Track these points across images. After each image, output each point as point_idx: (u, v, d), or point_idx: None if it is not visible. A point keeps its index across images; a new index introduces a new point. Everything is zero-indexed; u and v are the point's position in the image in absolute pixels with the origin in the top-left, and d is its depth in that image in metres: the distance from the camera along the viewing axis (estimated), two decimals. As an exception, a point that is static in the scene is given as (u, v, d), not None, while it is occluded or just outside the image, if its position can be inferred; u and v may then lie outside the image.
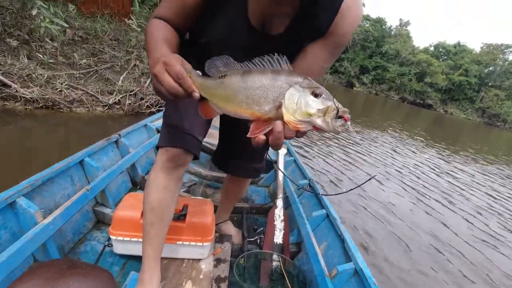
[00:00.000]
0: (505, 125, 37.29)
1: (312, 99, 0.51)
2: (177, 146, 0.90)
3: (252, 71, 0.56)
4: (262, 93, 0.54)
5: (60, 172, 1.31)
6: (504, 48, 41.25)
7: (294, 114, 0.51)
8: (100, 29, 4.77)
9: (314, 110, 0.51)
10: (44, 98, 3.33)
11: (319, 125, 0.51)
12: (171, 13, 0.75)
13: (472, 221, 3.67)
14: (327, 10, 0.73)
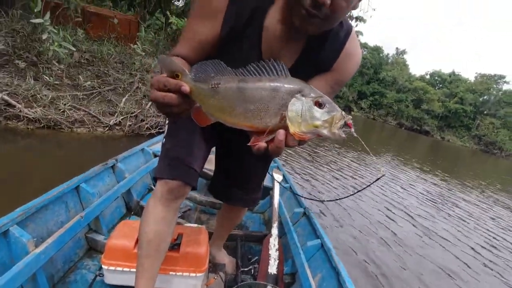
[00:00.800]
0: (501, 153, 37.52)
1: (316, 110, 0.50)
2: (177, 179, 0.91)
3: (248, 80, 0.53)
4: (263, 106, 0.52)
5: (55, 198, 1.31)
6: (497, 78, 42.40)
7: (300, 127, 0.51)
8: (106, 52, 4.93)
9: (320, 121, 0.50)
10: (46, 118, 3.39)
11: (325, 135, 0.50)
12: (188, 50, 0.80)
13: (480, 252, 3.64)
14: (331, 51, 0.81)
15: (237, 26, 0.77)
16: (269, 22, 0.76)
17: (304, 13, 0.64)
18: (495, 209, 6.42)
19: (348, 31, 0.81)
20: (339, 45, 0.81)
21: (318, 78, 0.84)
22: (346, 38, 0.81)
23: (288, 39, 0.78)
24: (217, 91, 0.53)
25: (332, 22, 0.69)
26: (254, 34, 0.78)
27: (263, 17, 0.76)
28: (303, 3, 0.63)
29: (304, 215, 1.93)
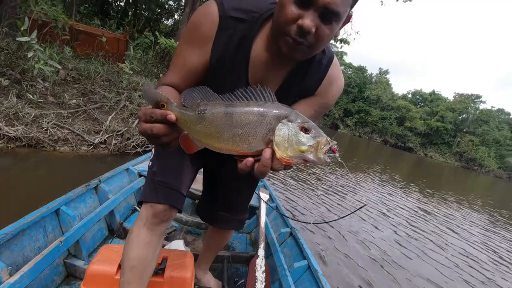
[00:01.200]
0: (481, 169, 38.82)
1: (302, 135, 0.52)
2: (163, 202, 0.91)
3: (236, 105, 0.54)
4: (251, 131, 0.53)
5: (33, 223, 1.25)
6: (474, 98, 44.59)
7: (286, 152, 0.52)
8: (93, 70, 4.91)
9: (306, 146, 0.52)
10: (27, 137, 3.30)
11: (311, 159, 0.52)
12: (178, 78, 0.82)
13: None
14: (315, 77, 0.85)
15: (225, 53, 0.80)
16: (255, 50, 0.80)
17: (291, 42, 0.67)
18: (480, 226, 6.56)
19: (330, 58, 0.86)
20: (322, 71, 0.85)
21: (303, 102, 0.88)
22: (328, 64, 0.85)
23: (274, 66, 0.81)
24: (203, 117, 0.54)
25: (317, 49, 0.73)
26: (242, 61, 0.81)
27: (250, 45, 0.79)
28: (290, 32, 0.66)
29: (290, 235, 1.93)
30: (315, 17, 0.64)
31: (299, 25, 0.64)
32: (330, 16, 0.65)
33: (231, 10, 0.77)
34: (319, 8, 0.63)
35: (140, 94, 4.93)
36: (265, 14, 0.78)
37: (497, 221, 7.71)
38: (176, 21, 11.85)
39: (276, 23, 0.70)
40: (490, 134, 40.59)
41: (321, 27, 0.66)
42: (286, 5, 0.65)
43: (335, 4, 0.63)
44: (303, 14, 0.64)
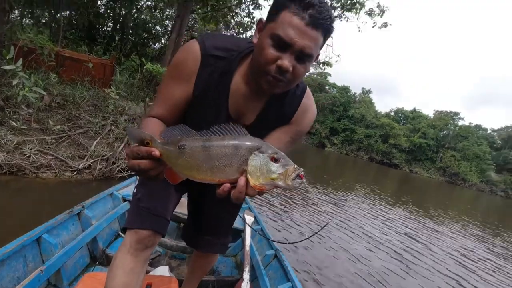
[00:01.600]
0: (465, 183, 39.82)
1: (273, 165, 0.59)
2: (146, 228, 0.93)
3: (212, 140, 0.61)
4: (226, 162, 0.60)
5: (13, 252, 1.23)
6: (452, 115, 46.55)
7: (259, 180, 0.59)
8: (78, 95, 4.93)
9: (276, 174, 0.59)
10: (9, 164, 3.25)
11: (281, 186, 0.59)
12: (164, 111, 0.89)
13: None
14: (290, 107, 0.94)
15: (207, 87, 0.88)
16: (234, 84, 0.89)
17: (271, 80, 0.77)
18: (464, 238, 6.69)
19: (303, 89, 0.96)
20: (297, 101, 0.94)
21: (280, 130, 0.96)
22: (302, 95, 0.95)
23: (252, 98, 0.90)
24: (183, 151, 0.61)
25: (293, 84, 0.83)
26: (223, 94, 0.89)
27: (229, 79, 0.89)
28: (270, 71, 0.76)
29: (275, 257, 1.95)
30: (292, 58, 0.75)
31: (279, 65, 0.74)
32: (304, 58, 0.76)
33: (212, 49, 0.86)
34: (295, 51, 0.74)
35: (126, 119, 4.95)
36: (243, 52, 0.88)
37: (481, 236, 7.89)
38: (163, 46, 12.10)
39: (257, 63, 0.79)
40: (470, 149, 42.04)
41: (297, 66, 0.76)
42: (266, 48, 0.75)
43: (309, 48, 0.74)
44: (281, 56, 0.74)
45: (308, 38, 0.73)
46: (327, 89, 46.35)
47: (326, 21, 0.75)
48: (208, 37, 0.89)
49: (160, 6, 12.25)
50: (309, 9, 0.72)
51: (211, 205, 1.21)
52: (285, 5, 0.74)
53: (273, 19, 0.76)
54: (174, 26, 7.92)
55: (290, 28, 0.72)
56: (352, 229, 5.00)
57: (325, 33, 0.77)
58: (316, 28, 0.73)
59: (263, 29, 0.80)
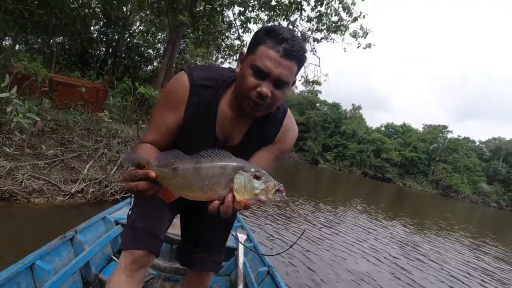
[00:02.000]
0: (458, 195, 40.19)
1: (255, 182, 0.69)
2: (141, 248, 0.98)
3: (202, 162, 0.71)
4: (215, 181, 0.69)
5: (7, 280, 1.24)
6: (441, 128, 47.68)
7: (244, 195, 0.68)
8: (71, 120, 4.99)
9: (258, 190, 0.68)
10: (1, 190, 3.25)
11: (263, 200, 0.68)
12: (156, 136, 0.98)
13: None
14: (272, 128, 1.05)
15: (196, 114, 0.99)
16: (221, 109, 1.00)
17: (253, 104, 0.88)
18: (459, 251, 6.74)
19: (284, 111, 1.07)
20: (279, 123, 1.06)
21: (265, 149, 1.06)
22: (283, 116, 1.06)
23: (237, 121, 1.01)
24: (177, 173, 0.70)
25: (273, 108, 0.95)
26: (210, 119, 1.00)
27: (216, 106, 0.99)
28: (251, 97, 0.87)
29: (268, 274, 1.99)
30: (270, 85, 0.86)
31: (258, 92, 0.86)
32: (281, 84, 0.88)
33: (199, 80, 0.97)
34: (273, 79, 0.86)
35: (119, 141, 5.01)
36: (227, 81, 1.00)
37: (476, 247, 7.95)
38: (155, 68, 12.34)
39: (240, 90, 0.90)
40: (460, 161, 42.77)
41: (275, 92, 0.88)
42: (247, 77, 0.87)
43: (285, 76, 0.86)
44: (261, 83, 0.86)
45: (283, 68, 0.85)
46: (318, 106, 47.20)
47: (299, 53, 0.86)
48: (196, 69, 1.01)
49: (152, 31, 12.63)
50: (283, 43, 0.84)
51: (204, 223, 1.27)
52: (263, 40, 0.86)
53: (253, 51, 0.88)
54: (166, 50, 8.17)
55: (267, 59, 0.84)
56: (347, 244, 5.02)
57: (298, 62, 0.89)
58: (290, 59, 0.85)
59: (244, 60, 0.92)
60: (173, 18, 7.86)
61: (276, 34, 0.85)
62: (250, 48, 0.91)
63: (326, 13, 8.14)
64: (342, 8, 7.84)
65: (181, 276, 2.10)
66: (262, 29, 0.90)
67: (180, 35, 7.93)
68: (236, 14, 8.75)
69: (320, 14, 8.21)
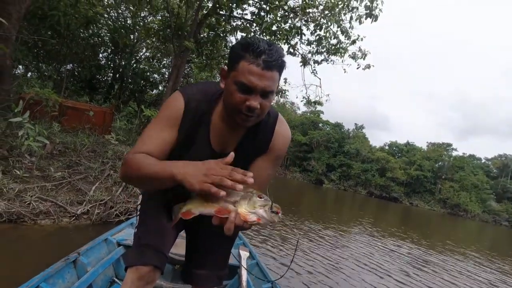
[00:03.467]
0: (467, 214, 39.16)
1: (257, 198, 0.80)
2: (147, 264, 1.00)
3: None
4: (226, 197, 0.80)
5: None
6: (445, 146, 47.44)
7: (246, 207, 0.78)
8: (79, 143, 5.12)
9: (258, 204, 0.78)
10: (9, 212, 3.31)
11: (261, 214, 0.78)
12: (153, 148, 1.00)
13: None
14: (265, 135, 1.10)
15: (191, 127, 1.05)
16: (214, 121, 1.07)
17: (244, 117, 0.95)
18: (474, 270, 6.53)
19: (275, 117, 1.12)
20: (270, 129, 1.11)
21: (261, 158, 1.12)
22: (274, 122, 1.12)
23: (229, 132, 1.07)
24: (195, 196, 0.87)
25: (262, 116, 1.00)
26: (205, 131, 1.07)
27: (209, 118, 1.07)
28: (242, 110, 0.94)
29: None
30: (257, 97, 0.93)
31: (247, 106, 0.92)
32: (267, 94, 0.94)
33: (192, 95, 1.05)
34: (259, 92, 0.92)
35: (124, 163, 5.10)
36: (216, 94, 1.08)
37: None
38: (160, 92, 12.70)
39: (229, 105, 0.97)
40: (467, 179, 42.08)
41: (263, 102, 0.94)
42: (233, 93, 0.93)
43: (269, 87, 0.93)
44: (249, 98, 0.92)
45: (267, 79, 0.90)
46: (320, 126, 47.49)
47: (278, 61, 0.91)
48: (188, 87, 1.10)
49: (158, 56, 13.11)
50: (262, 56, 0.88)
51: (206, 239, 1.30)
52: (242, 56, 0.90)
53: (234, 68, 0.92)
54: (171, 74, 8.47)
55: (250, 75, 0.89)
56: (355, 267, 4.92)
57: (279, 69, 0.93)
58: (271, 70, 0.90)
59: (226, 76, 0.98)
60: (178, 45, 8.20)
61: (253, 49, 0.88)
62: (230, 64, 0.94)
63: (325, 37, 8.45)
64: (341, 31, 8.15)
65: None
66: (238, 44, 0.94)
67: (184, 60, 8.25)
68: (238, 39, 9.11)
69: (320, 38, 8.53)
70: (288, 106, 54.93)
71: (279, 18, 7.87)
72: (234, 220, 0.77)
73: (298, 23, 8.30)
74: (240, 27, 8.74)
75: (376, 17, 7.37)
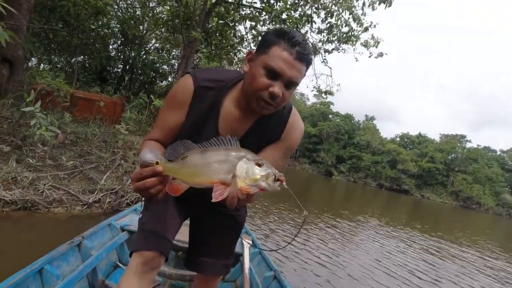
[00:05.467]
0: (480, 207, 38.40)
1: (256, 168, 0.71)
2: (151, 249, 0.98)
3: (208, 150, 0.74)
4: (219, 166, 0.72)
5: (16, 285, 1.25)
6: (459, 138, 46.30)
7: (245, 181, 0.69)
8: (90, 133, 5.18)
9: (259, 176, 0.70)
10: (23, 200, 3.38)
11: (263, 186, 0.70)
12: (160, 135, 1.03)
13: None
14: (277, 125, 1.07)
15: (199, 114, 1.03)
16: (224, 109, 1.03)
17: (263, 104, 0.92)
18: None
19: (289, 109, 1.09)
20: (284, 120, 1.08)
21: (272, 146, 1.09)
22: (288, 114, 1.09)
23: (241, 119, 1.04)
24: (185, 160, 0.74)
25: (280, 107, 0.97)
26: (213, 119, 1.03)
27: (219, 106, 1.03)
28: (263, 97, 0.91)
29: (274, 279, 1.97)
30: (281, 86, 0.90)
31: (271, 92, 0.89)
32: (291, 85, 0.92)
33: (202, 81, 1.01)
34: (285, 80, 0.90)
35: (134, 153, 5.14)
36: (230, 83, 1.04)
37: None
38: (170, 83, 12.71)
39: (250, 89, 0.93)
40: (481, 172, 41.15)
41: (285, 92, 0.92)
42: (258, 77, 0.90)
43: (296, 78, 0.90)
44: (273, 84, 0.89)
45: (296, 70, 0.89)
46: (330, 117, 46.97)
47: (309, 56, 0.91)
48: (200, 72, 1.05)
49: (167, 48, 13.08)
50: (296, 46, 0.88)
51: (213, 228, 1.28)
52: (276, 42, 0.89)
53: (265, 52, 0.90)
54: (180, 65, 8.44)
55: (281, 61, 0.87)
56: (366, 260, 4.88)
57: (307, 65, 0.93)
58: (301, 62, 0.90)
59: (252, 60, 0.95)
60: (187, 35, 8.14)
61: (289, 37, 0.88)
62: (261, 48, 0.93)
63: (337, 25, 8.23)
64: (353, 18, 7.91)
65: (186, 283, 2.09)
66: (273, 30, 0.93)
67: (193, 50, 8.19)
68: (247, 28, 8.98)
69: (331, 26, 8.30)
70: (298, 97, 54.47)
71: (289, 6, 7.68)
72: (235, 194, 0.71)
73: (308, 11, 8.10)
74: (249, 16, 8.58)
75: (390, 2, 7.10)
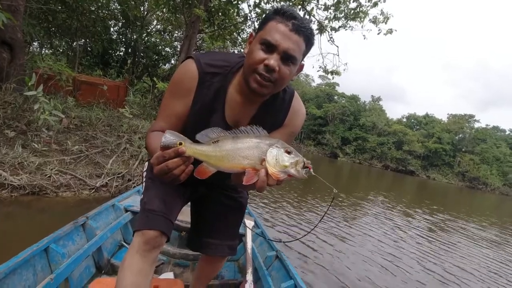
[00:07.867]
0: (486, 187, 38.27)
1: (286, 155, 0.74)
2: (153, 229, 0.98)
3: (240, 136, 0.77)
4: (251, 153, 0.75)
5: (23, 262, 1.27)
6: (468, 117, 45.42)
7: (275, 167, 0.73)
8: (94, 117, 5.16)
9: (288, 163, 0.73)
10: (31, 185, 3.42)
11: (292, 173, 0.73)
12: (165, 123, 1.00)
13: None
14: (280, 111, 1.06)
15: (205, 101, 0.99)
16: (229, 95, 1.00)
17: (259, 78, 0.88)
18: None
19: (291, 94, 1.07)
20: (286, 105, 1.06)
21: (276, 132, 1.07)
22: (291, 99, 1.07)
23: (245, 105, 1.01)
24: (217, 145, 0.76)
25: (280, 85, 0.94)
26: (219, 105, 1.00)
27: (225, 92, 1.00)
28: (258, 70, 0.88)
29: (276, 258, 1.98)
30: (277, 58, 0.87)
31: (266, 64, 0.87)
32: (288, 58, 0.88)
33: (207, 67, 0.97)
34: (281, 53, 0.87)
35: (140, 137, 5.13)
36: (235, 67, 1.00)
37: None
38: (173, 66, 12.53)
39: (247, 65, 0.91)
40: (489, 152, 40.69)
41: (282, 67, 0.89)
42: (255, 51, 0.89)
43: (293, 50, 0.87)
44: (268, 57, 0.87)
45: (292, 41, 0.87)
46: (336, 99, 46.31)
47: (307, 30, 0.89)
48: (203, 56, 1.00)
49: (169, 29, 12.80)
50: (292, 19, 0.87)
51: (216, 207, 1.28)
52: (272, 17, 0.89)
53: (262, 28, 0.91)
54: (182, 46, 8.25)
55: (276, 33, 0.87)
56: (374, 240, 4.91)
57: (306, 40, 0.90)
58: (298, 34, 0.87)
59: (252, 39, 0.94)
60: (189, 15, 7.91)
61: (285, 11, 0.88)
62: (259, 27, 0.93)
63: (344, 0, 7.90)
64: (362, -8, 7.57)
65: (190, 262, 2.13)
66: (271, 10, 0.93)
67: (196, 30, 7.97)
68: (251, 6, 8.67)
69: (338, 1, 7.97)
70: (303, 78, 53.57)
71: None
72: (265, 178, 0.74)
73: (315, -14, 7.76)
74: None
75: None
